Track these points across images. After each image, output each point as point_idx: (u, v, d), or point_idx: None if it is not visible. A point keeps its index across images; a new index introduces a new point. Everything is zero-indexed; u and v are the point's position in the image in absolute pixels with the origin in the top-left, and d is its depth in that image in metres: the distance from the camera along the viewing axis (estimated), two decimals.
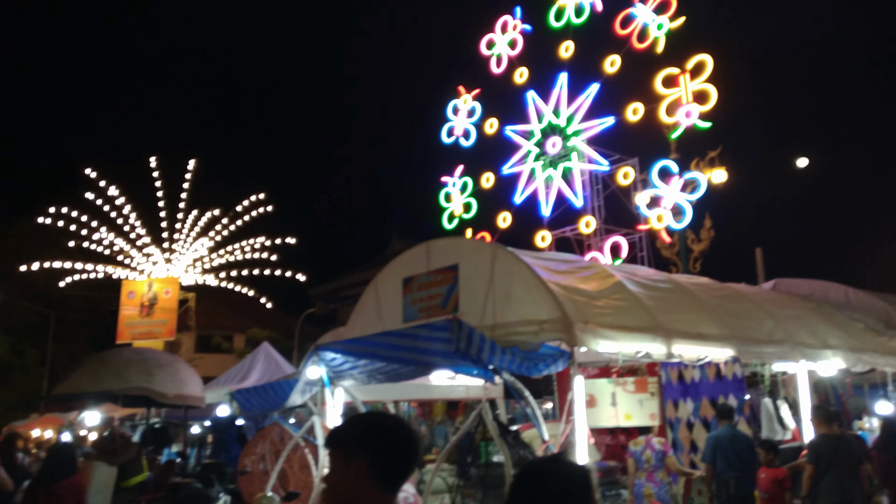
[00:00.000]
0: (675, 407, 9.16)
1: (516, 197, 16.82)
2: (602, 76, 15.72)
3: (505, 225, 17.17)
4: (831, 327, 9.81)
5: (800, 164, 22.16)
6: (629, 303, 7.38)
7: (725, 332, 7.90)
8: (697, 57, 14.46)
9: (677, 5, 14.87)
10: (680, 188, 14.16)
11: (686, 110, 14.30)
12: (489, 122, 17.86)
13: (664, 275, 9.90)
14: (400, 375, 5.94)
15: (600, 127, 15.62)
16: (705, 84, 14.37)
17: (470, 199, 18.05)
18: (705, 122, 14.51)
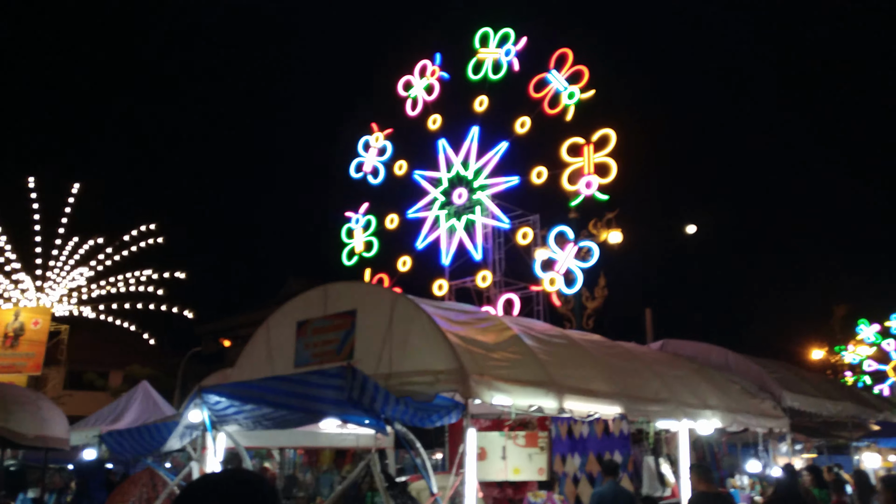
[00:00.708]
0: (563, 461, 9.27)
1: (419, 242, 16.86)
2: (512, 135, 16.20)
3: (405, 269, 17.10)
4: (712, 388, 10.30)
5: (689, 231, 23.64)
6: (524, 356, 7.46)
7: (615, 390, 8.10)
8: (602, 131, 15.14)
9: (589, 77, 15.60)
10: (574, 255, 14.59)
11: (587, 181, 14.86)
12: (399, 163, 17.93)
13: (559, 330, 10.12)
14: (288, 422, 5.67)
15: (505, 185, 16.02)
16: (607, 158, 15.02)
17: (372, 238, 17.90)
18: (604, 194, 15.14)
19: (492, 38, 17.03)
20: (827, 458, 15.35)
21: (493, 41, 16.99)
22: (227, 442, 7.04)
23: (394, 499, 5.16)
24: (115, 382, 31.56)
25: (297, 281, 31.26)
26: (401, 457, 10.30)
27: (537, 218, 16.16)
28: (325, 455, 11.74)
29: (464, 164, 16.58)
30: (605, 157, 14.96)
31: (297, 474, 11.27)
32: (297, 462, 11.78)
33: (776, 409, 11.34)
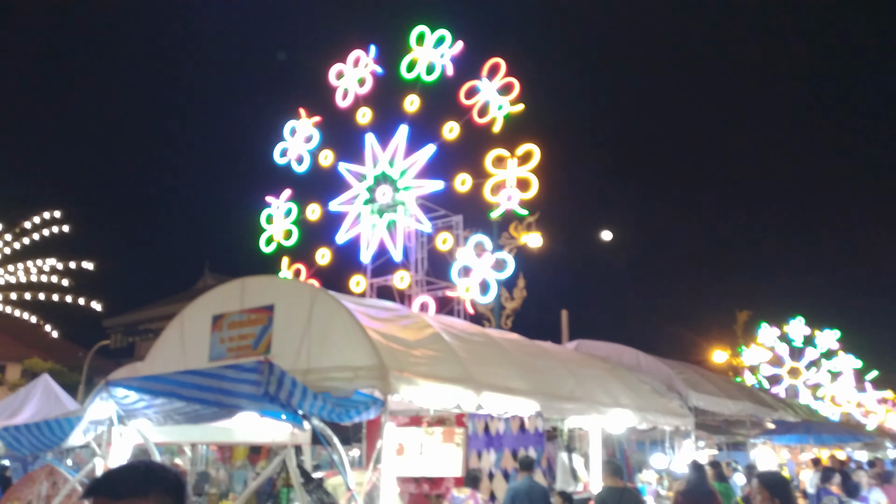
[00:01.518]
0: (479, 458, 9.40)
1: (339, 236, 16.58)
2: (440, 139, 16.16)
3: (324, 262, 16.72)
4: (623, 388, 10.70)
5: (605, 238, 24.42)
6: (444, 354, 7.54)
7: (532, 388, 8.30)
8: (527, 146, 15.33)
9: (520, 91, 15.63)
10: (491, 265, 14.77)
11: (508, 194, 15.05)
12: (325, 153, 17.42)
13: (479, 329, 10.28)
14: (201, 417, 5.51)
15: (430, 188, 15.97)
16: (530, 173, 15.27)
17: (292, 227, 17.29)
18: (524, 209, 15.40)
19: (428, 37, 16.93)
20: (726, 454, 16.21)
21: (428, 41, 16.91)
22: (136, 437, 6.77)
23: (309, 494, 5.11)
24: (12, 376, 29.73)
25: (214, 276, 30.33)
26: (317, 453, 10.16)
27: (460, 219, 16.28)
28: (238, 451, 11.43)
29: (390, 163, 16.47)
30: (527, 173, 15.19)
31: (210, 470, 10.96)
32: (210, 458, 11.45)
33: (683, 408, 11.91)
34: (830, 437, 16.05)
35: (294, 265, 16.94)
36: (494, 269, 14.68)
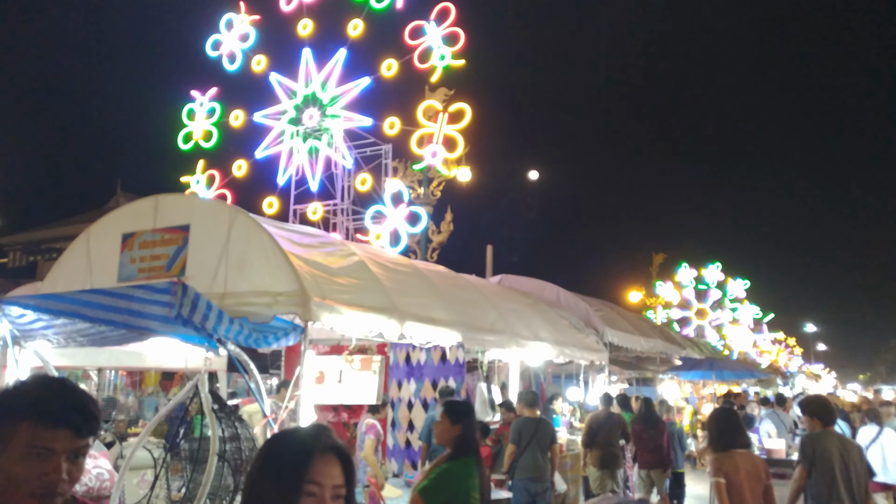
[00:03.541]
0: (399, 387, 9.45)
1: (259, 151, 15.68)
2: (377, 74, 15.45)
3: (240, 173, 15.80)
4: (543, 322, 10.90)
5: (531, 177, 24.57)
6: (368, 282, 7.38)
7: (454, 319, 8.29)
8: (459, 105, 14.90)
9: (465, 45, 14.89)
10: (405, 216, 14.53)
11: (434, 150, 14.70)
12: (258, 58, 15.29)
13: (405, 260, 10.15)
14: (107, 339, 5.18)
15: (359, 123, 15.26)
16: (458, 133, 14.89)
17: (213, 129, 16.12)
18: (448, 168, 15.09)
19: None
20: (636, 388, 17.03)
21: None
22: (34, 360, 6.37)
23: (222, 421, 4.94)
24: None
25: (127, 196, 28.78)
26: (233, 380, 9.99)
27: (389, 148, 15.87)
28: (150, 377, 11.05)
29: (322, 85, 15.66)
30: (455, 132, 14.84)
31: (118, 396, 10.58)
32: (119, 384, 11.04)
33: (598, 343, 12.30)
34: (730, 374, 17.11)
35: (209, 171, 16.08)
36: (408, 221, 14.43)
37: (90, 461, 4.44)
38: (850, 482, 5.07)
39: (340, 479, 1.57)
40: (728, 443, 4.65)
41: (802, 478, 5.21)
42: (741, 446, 4.67)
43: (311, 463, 1.54)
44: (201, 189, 15.92)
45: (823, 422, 5.36)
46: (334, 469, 1.57)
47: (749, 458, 4.67)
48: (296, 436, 1.76)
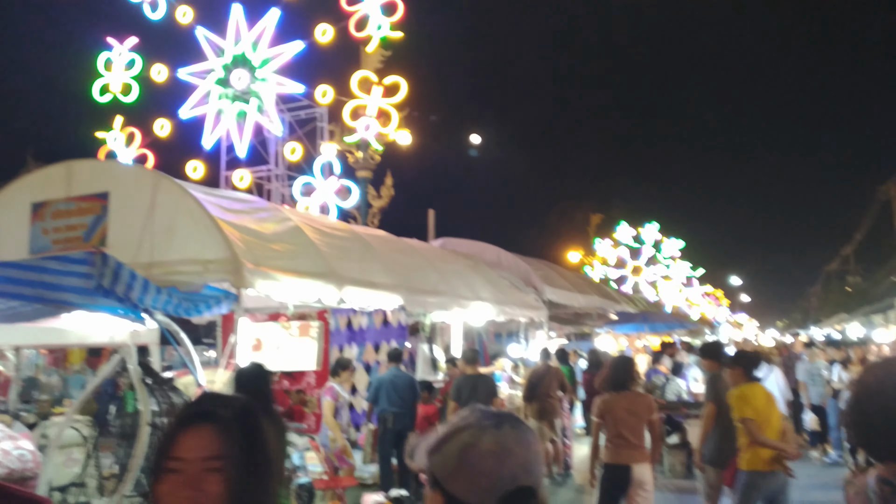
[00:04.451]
0: (341, 352, 9.34)
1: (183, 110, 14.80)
2: (311, 39, 14.80)
3: (163, 133, 14.80)
4: (484, 282, 10.95)
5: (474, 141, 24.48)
6: (305, 248, 7.20)
7: (395, 282, 8.22)
8: (394, 78, 14.49)
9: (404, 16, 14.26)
10: (335, 189, 14.19)
11: (367, 123, 14.32)
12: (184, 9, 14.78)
13: (344, 225, 9.98)
14: (20, 316, 4.85)
15: (290, 89, 14.59)
16: (392, 108, 14.52)
17: (133, 82, 15.01)
18: (381, 144, 14.73)
19: None
20: (574, 343, 17.42)
21: None
22: None
23: (154, 394, 4.74)
24: None
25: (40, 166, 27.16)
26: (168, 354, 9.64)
27: (325, 111, 15.45)
28: (74, 354, 10.55)
29: (253, 46, 14.87)
30: (390, 106, 14.47)
31: (40, 376, 10.07)
32: (40, 364, 10.49)
33: (538, 301, 12.48)
34: (662, 326, 17.72)
35: (128, 128, 15.16)
36: (338, 195, 14.11)
37: (10, 443, 4.19)
38: None
39: (213, 450, 1.29)
40: (617, 386, 5.24)
41: (713, 413, 5.63)
42: (627, 388, 5.27)
43: (176, 436, 1.32)
44: (119, 147, 14.87)
45: (720, 362, 5.93)
46: (203, 440, 1.31)
47: (630, 398, 5.23)
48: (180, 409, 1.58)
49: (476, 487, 1.23)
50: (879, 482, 1.75)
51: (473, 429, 1.28)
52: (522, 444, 1.27)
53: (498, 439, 1.26)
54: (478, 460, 1.23)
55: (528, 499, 1.22)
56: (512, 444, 1.26)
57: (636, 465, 4.99)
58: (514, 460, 1.24)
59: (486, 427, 1.28)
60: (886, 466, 1.76)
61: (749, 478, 4.96)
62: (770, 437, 4.92)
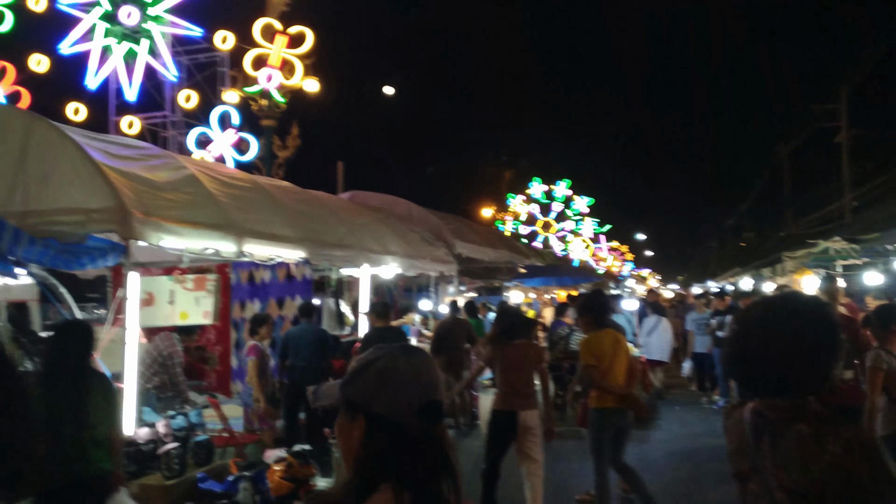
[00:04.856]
0: (242, 307, 9.06)
1: (64, 45, 13.64)
2: None
3: (40, 69, 13.61)
4: (394, 236, 10.84)
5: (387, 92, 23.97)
6: (202, 198, 6.84)
7: (299, 235, 7.98)
8: (300, 28, 13.81)
9: None
10: (233, 142, 13.56)
11: (270, 73, 13.64)
12: None
13: (246, 175, 9.55)
14: None
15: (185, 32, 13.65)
16: (297, 59, 13.86)
17: (6, 10, 13.59)
18: (283, 96, 14.09)
19: None
20: (485, 297, 17.71)
21: None
22: None
23: (28, 353, 4.41)
24: None
25: None
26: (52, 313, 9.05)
27: (226, 57, 14.66)
28: None
29: None
30: (294, 57, 13.79)
31: None
32: None
33: (448, 255, 12.51)
34: (569, 279, 18.24)
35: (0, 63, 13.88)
36: (236, 147, 13.51)
37: None
38: None
39: None
40: (506, 338, 5.37)
41: None
42: (516, 338, 5.42)
43: None
44: None
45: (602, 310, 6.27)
46: None
47: (519, 348, 5.38)
48: None
49: (398, 403, 1.39)
50: (754, 415, 1.83)
51: (387, 357, 1.45)
52: (429, 366, 1.48)
53: (410, 363, 1.45)
54: (397, 381, 1.41)
55: (438, 410, 1.42)
56: (421, 366, 1.46)
57: (522, 412, 5.17)
58: (425, 379, 1.44)
59: (398, 355, 1.47)
60: (762, 401, 1.83)
61: (597, 415, 5.36)
62: (615, 380, 5.32)
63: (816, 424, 1.68)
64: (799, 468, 1.64)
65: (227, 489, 5.14)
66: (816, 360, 1.77)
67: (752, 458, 1.81)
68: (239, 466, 5.35)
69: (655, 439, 8.30)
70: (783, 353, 1.76)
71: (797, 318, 1.80)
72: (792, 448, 1.67)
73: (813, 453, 1.63)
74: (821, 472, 1.61)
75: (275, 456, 5.17)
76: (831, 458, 1.60)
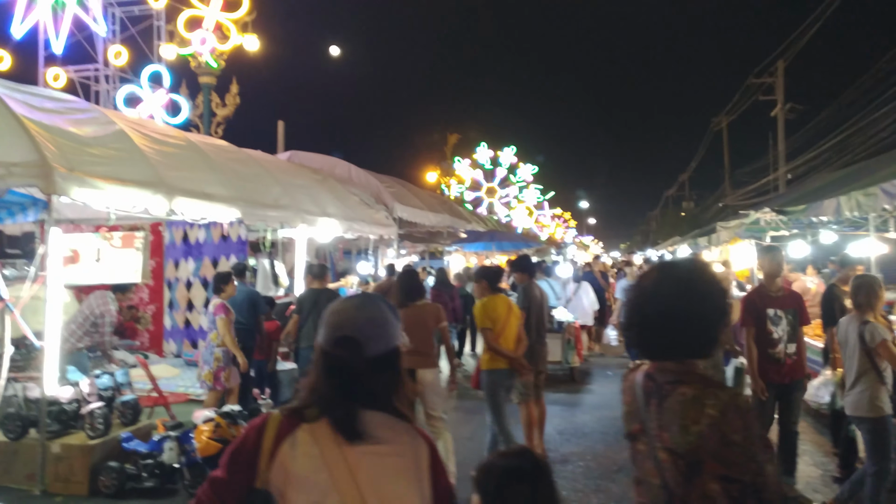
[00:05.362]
0: (177, 266, 8.98)
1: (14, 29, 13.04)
2: None
3: None
4: (332, 198, 10.80)
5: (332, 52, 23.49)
6: (131, 154, 6.71)
7: (233, 195, 7.90)
8: None
9: None
10: (163, 104, 13.12)
11: (203, 37, 13.16)
12: None
13: (179, 132, 9.35)
14: None
15: None
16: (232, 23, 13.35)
17: None
18: (216, 61, 13.64)
19: None
20: (428, 261, 17.85)
21: None
22: None
23: None
24: None
25: None
26: None
27: (162, 12, 14.12)
28: None
29: None
30: (229, 21, 13.31)
31: None
32: None
33: (388, 218, 12.55)
34: (509, 244, 18.54)
35: None
36: (167, 109, 13.08)
37: None
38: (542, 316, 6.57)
39: None
40: (404, 298, 5.50)
41: (523, 316, 6.29)
42: (415, 300, 5.58)
43: None
44: None
45: (529, 274, 6.71)
46: None
47: (418, 309, 5.52)
48: None
49: (322, 335, 1.66)
50: (645, 378, 1.90)
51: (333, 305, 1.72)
52: (360, 309, 1.67)
53: (342, 303, 1.70)
54: (326, 316, 1.68)
55: (347, 343, 1.60)
56: (350, 307, 1.68)
57: (421, 370, 5.32)
58: (345, 317, 1.65)
59: (350, 298, 1.75)
60: (654, 364, 1.91)
61: (490, 376, 5.64)
62: (507, 344, 5.64)
63: (699, 388, 1.74)
64: (679, 429, 1.71)
65: (152, 449, 5.17)
66: (704, 325, 1.84)
67: (641, 419, 1.86)
68: (166, 426, 5.38)
69: (587, 404, 8.64)
70: (672, 318, 1.83)
71: (687, 284, 1.86)
72: (675, 410, 1.73)
73: (693, 415, 1.69)
74: (698, 433, 1.68)
75: (204, 416, 5.20)
76: (708, 419, 1.67)
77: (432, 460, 1.64)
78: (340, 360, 1.59)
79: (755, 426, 1.72)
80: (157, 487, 5.05)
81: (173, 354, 8.84)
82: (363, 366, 1.58)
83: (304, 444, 1.53)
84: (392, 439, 1.59)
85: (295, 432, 1.54)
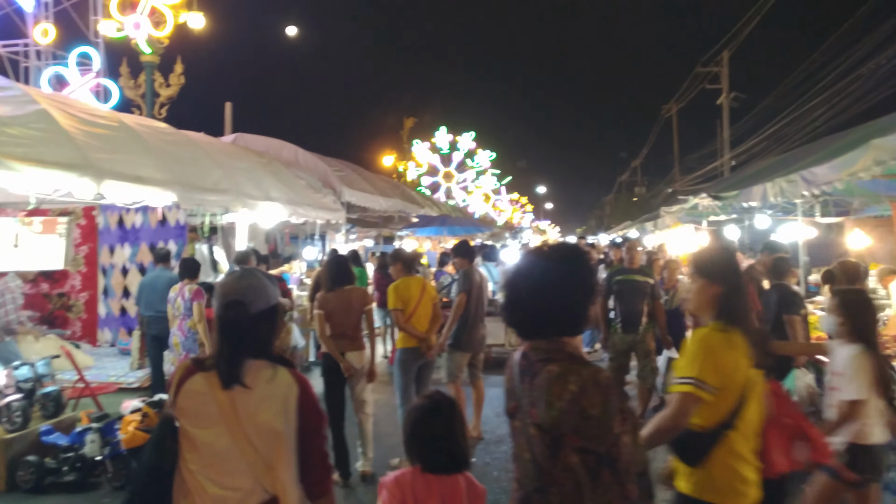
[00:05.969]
0: (112, 252, 8.70)
1: None
2: None
3: None
4: (277, 182, 10.56)
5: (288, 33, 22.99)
6: (54, 135, 6.40)
7: (168, 178, 7.64)
8: None
9: None
10: (92, 87, 12.64)
11: (136, 21, 12.69)
12: None
13: (110, 112, 9.00)
14: None
15: None
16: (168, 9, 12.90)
17: None
18: (150, 47, 13.20)
19: None
20: (381, 246, 17.74)
21: None
22: None
23: None
24: None
25: None
26: None
27: None
28: None
29: None
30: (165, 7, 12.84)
31: None
32: None
33: (336, 203, 12.36)
34: (461, 229, 18.51)
35: None
36: (96, 94, 12.58)
37: None
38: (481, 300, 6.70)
39: None
40: (332, 283, 5.59)
41: (463, 303, 6.51)
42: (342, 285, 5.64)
43: None
44: None
45: (469, 259, 6.84)
46: None
47: (346, 293, 5.59)
48: None
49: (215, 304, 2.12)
50: (522, 356, 1.97)
51: None
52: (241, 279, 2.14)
53: (227, 277, 2.24)
54: (216, 289, 2.18)
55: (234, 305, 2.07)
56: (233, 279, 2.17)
57: (349, 353, 5.45)
58: (231, 287, 2.13)
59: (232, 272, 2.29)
60: (531, 343, 1.97)
61: (402, 354, 5.92)
62: (420, 324, 5.85)
63: (565, 365, 1.82)
64: (545, 405, 1.79)
65: (73, 442, 4.99)
66: (571, 304, 1.94)
67: (517, 396, 1.94)
68: (91, 418, 5.20)
69: None
70: (543, 298, 1.93)
71: (555, 265, 1.96)
72: (542, 386, 1.81)
73: (556, 391, 1.78)
74: (560, 408, 1.76)
75: (131, 406, 5.04)
76: (570, 395, 1.76)
77: (301, 397, 2.07)
78: (231, 319, 2.05)
79: (615, 400, 1.79)
80: (79, 481, 4.88)
81: (108, 343, 8.58)
82: (249, 322, 2.05)
83: (197, 385, 2.03)
84: (265, 382, 2.04)
85: (193, 377, 2.04)
